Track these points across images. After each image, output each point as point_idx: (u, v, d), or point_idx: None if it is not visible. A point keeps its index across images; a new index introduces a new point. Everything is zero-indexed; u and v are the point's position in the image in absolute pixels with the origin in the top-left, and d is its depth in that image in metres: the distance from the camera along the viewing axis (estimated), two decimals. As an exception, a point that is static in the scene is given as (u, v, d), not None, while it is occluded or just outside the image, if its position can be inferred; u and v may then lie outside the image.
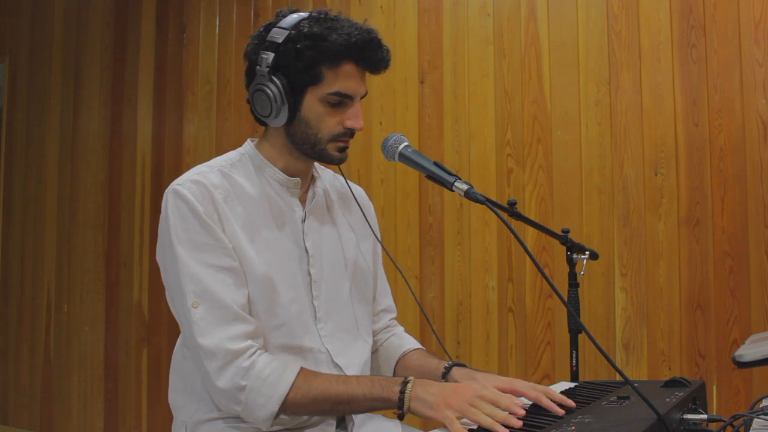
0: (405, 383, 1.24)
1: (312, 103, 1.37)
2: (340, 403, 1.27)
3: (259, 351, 1.29)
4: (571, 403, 1.20)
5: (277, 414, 1.27)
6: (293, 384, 1.26)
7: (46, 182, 4.02)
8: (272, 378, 1.26)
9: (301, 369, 1.29)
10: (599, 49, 2.53)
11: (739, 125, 2.30)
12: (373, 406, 1.27)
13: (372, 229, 1.58)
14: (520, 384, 1.27)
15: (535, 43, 2.65)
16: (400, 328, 1.67)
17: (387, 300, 1.65)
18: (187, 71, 3.55)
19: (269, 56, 1.35)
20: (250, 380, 1.26)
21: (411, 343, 1.61)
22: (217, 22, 3.48)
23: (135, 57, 3.74)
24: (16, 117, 4.20)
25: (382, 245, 1.61)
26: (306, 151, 1.41)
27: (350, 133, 1.41)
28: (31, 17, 4.20)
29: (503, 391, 1.23)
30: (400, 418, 1.27)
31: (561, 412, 1.16)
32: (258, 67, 1.37)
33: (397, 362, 1.58)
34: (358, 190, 1.64)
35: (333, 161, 1.42)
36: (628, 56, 2.48)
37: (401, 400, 1.23)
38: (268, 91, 1.36)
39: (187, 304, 1.28)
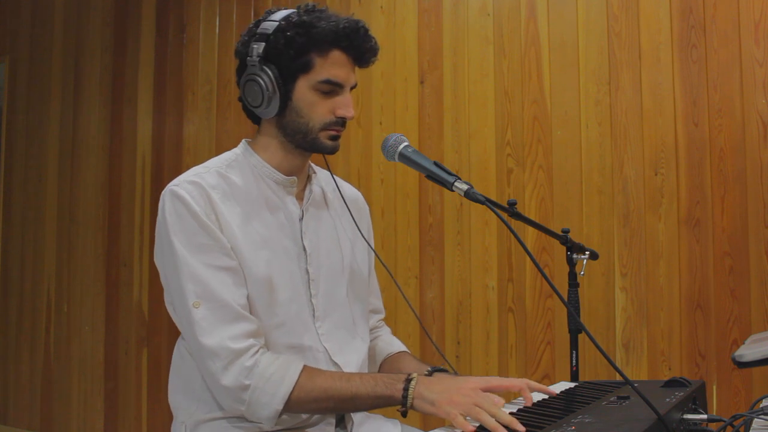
0: (408, 380, 1.24)
1: (303, 92, 1.38)
2: (344, 401, 1.28)
3: (261, 350, 1.29)
4: (552, 391, 1.23)
5: (281, 412, 1.27)
6: (297, 382, 1.27)
7: (46, 182, 4.02)
8: (276, 377, 1.26)
9: (304, 367, 1.29)
10: (599, 49, 2.53)
11: (739, 125, 2.30)
12: (377, 403, 1.27)
13: (362, 234, 1.57)
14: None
15: (535, 43, 2.65)
16: (387, 330, 1.68)
17: (377, 301, 1.66)
18: (187, 71, 3.55)
19: (260, 46, 1.37)
20: (253, 379, 1.26)
21: (396, 345, 1.62)
22: (217, 22, 3.48)
23: (135, 57, 3.74)
24: (16, 117, 4.20)
25: (374, 251, 1.61)
26: (298, 141, 1.41)
27: (341, 122, 1.41)
28: (31, 17, 4.20)
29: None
30: (404, 415, 1.27)
31: (530, 402, 1.20)
32: (249, 57, 1.38)
33: (381, 364, 1.59)
34: (353, 193, 1.64)
35: (326, 150, 1.42)
36: (628, 56, 2.48)
37: (404, 397, 1.23)
38: (260, 81, 1.36)
39: (188, 304, 1.28)
